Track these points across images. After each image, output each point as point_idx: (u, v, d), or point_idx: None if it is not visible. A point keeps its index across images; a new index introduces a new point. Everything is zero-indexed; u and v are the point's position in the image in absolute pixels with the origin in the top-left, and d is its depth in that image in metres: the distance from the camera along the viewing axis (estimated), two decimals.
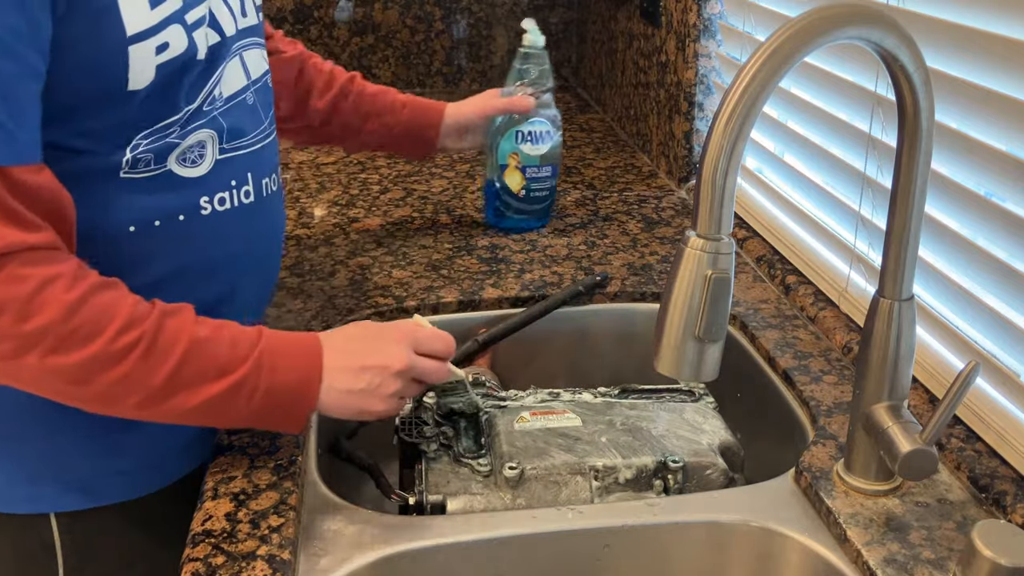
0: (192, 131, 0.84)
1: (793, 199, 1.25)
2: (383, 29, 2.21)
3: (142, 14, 0.77)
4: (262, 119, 0.95)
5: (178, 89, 0.82)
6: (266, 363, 0.79)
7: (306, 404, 0.82)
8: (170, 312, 0.78)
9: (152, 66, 0.78)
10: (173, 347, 0.76)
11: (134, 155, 0.81)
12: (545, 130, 1.33)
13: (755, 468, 1.01)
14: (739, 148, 0.65)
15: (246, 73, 0.92)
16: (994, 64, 0.84)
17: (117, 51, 0.76)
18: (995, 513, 0.80)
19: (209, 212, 0.88)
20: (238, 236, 0.92)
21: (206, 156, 0.87)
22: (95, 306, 0.74)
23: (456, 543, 0.81)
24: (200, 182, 0.87)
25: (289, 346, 0.82)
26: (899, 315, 0.78)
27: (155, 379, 0.76)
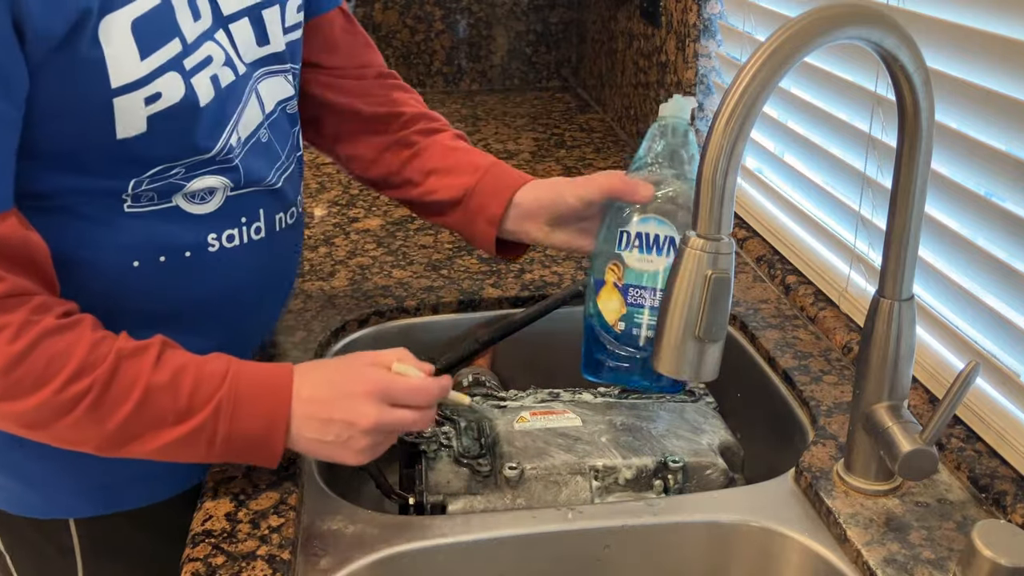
0: (199, 176, 0.82)
1: (793, 199, 1.25)
2: (383, 29, 2.21)
3: (130, 65, 0.74)
4: (279, 154, 0.90)
5: (183, 136, 0.79)
6: (226, 411, 0.76)
7: (272, 449, 0.78)
8: (130, 354, 0.75)
9: (142, 117, 0.75)
10: (127, 394, 0.74)
11: (136, 192, 0.80)
12: (667, 235, 0.86)
13: (755, 468, 1.01)
14: (739, 148, 0.65)
15: (260, 108, 0.87)
16: (994, 64, 0.84)
17: (101, 103, 0.74)
18: (995, 513, 0.80)
19: (217, 249, 0.86)
20: (246, 273, 0.89)
21: (215, 195, 0.84)
22: (43, 355, 0.72)
23: (456, 543, 0.81)
24: (209, 219, 0.84)
25: (256, 391, 0.78)
26: (899, 315, 0.78)
27: (107, 426, 0.75)
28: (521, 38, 2.27)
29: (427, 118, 1.04)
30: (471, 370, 1.13)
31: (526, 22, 2.25)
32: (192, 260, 0.84)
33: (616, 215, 0.89)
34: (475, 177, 0.97)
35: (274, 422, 0.77)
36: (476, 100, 2.19)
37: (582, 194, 0.91)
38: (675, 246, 0.85)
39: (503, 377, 1.17)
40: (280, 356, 1.05)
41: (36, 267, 0.75)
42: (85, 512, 0.92)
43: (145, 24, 0.74)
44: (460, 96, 2.23)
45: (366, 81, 1.04)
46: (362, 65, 1.04)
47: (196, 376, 0.76)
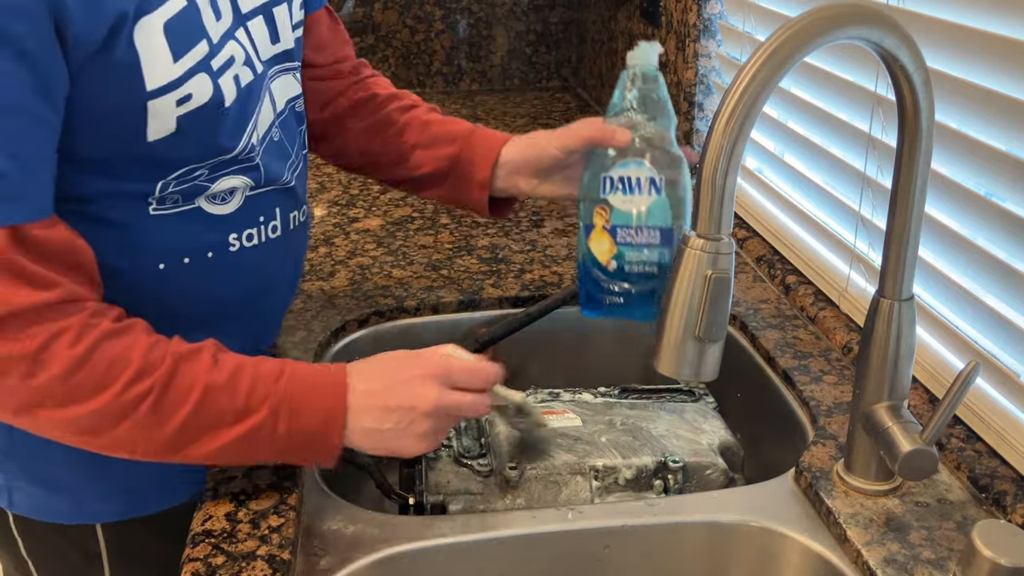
0: (223, 176, 0.83)
1: (793, 199, 1.25)
2: (383, 29, 2.21)
3: (165, 68, 0.74)
4: (289, 152, 0.92)
5: (207, 135, 0.79)
6: (284, 408, 0.76)
7: (331, 444, 0.78)
8: (186, 356, 0.76)
9: (172, 117, 0.76)
10: (187, 395, 0.74)
11: (162, 194, 0.80)
12: (646, 176, 0.89)
13: (755, 468, 1.01)
14: (739, 148, 0.65)
15: (272, 106, 0.88)
16: (994, 64, 0.84)
17: (136, 106, 0.74)
18: (995, 513, 0.80)
19: (237, 248, 0.87)
20: (264, 271, 0.91)
21: (236, 195, 0.85)
22: (103, 358, 0.73)
23: (456, 543, 0.81)
24: (229, 219, 0.85)
25: (312, 387, 0.78)
26: (899, 315, 0.78)
27: (167, 429, 0.74)
28: (521, 38, 2.27)
29: (398, 97, 1.08)
30: None
31: (526, 22, 2.25)
32: (214, 260, 0.85)
33: (597, 162, 0.91)
34: (457, 145, 1.01)
35: (332, 416, 0.78)
36: (476, 100, 2.19)
37: (564, 144, 0.95)
38: (655, 185, 0.90)
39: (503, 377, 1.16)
40: (280, 356, 1.05)
41: (85, 270, 0.76)
42: (111, 517, 0.92)
43: (176, 26, 0.75)
44: (460, 96, 2.23)
45: (344, 75, 1.07)
46: (341, 59, 1.07)
47: (253, 376, 0.77)
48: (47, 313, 0.72)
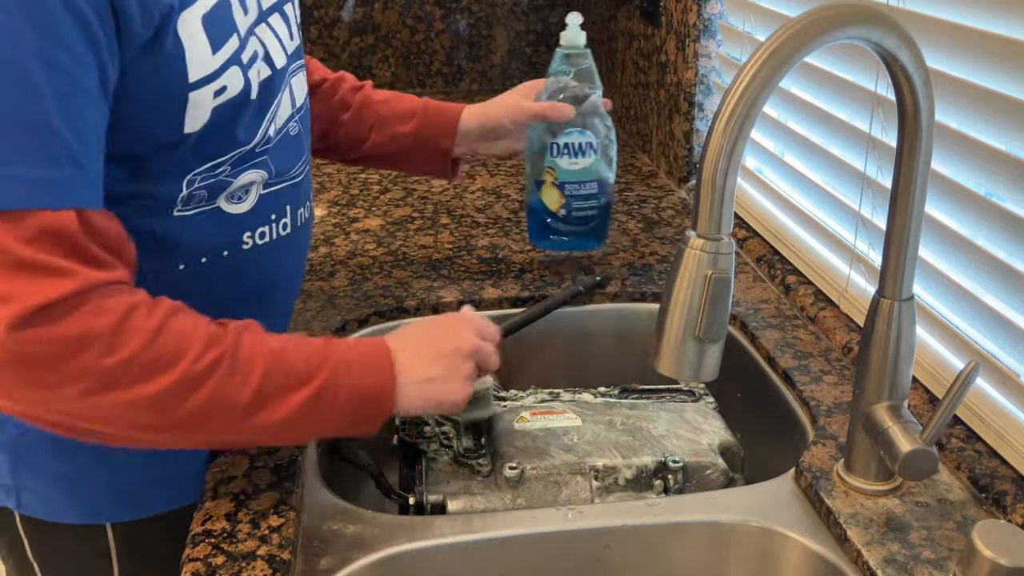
0: (243, 171, 0.85)
1: (793, 199, 1.25)
2: (383, 29, 2.21)
3: (205, 60, 0.76)
4: (303, 149, 0.94)
5: (230, 128, 0.81)
6: (341, 368, 0.78)
7: (386, 402, 0.80)
8: (243, 328, 0.77)
9: (208, 109, 0.78)
10: (254, 362, 0.75)
11: (189, 191, 0.82)
12: (586, 142, 1.14)
13: (755, 468, 1.01)
14: (739, 148, 0.65)
15: (292, 101, 0.91)
16: (994, 64, 0.84)
17: (178, 98, 0.76)
18: (995, 513, 0.80)
19: (250, 246, 0.89)
20: (274, 266, 0.93)
21: (251, 192, 0.87)
22: (174, 331, 0.73)
23: (456, 543, 0.81)
24: (244, 218, 0.87)
25: (357, 351, 0.81)
26: (899, 315, 0.78)
27: (242, 395, 0.74)
28: (521, 38, 2.27)
29: (344, 79, 1.17)
30: None
31: (526, 22, 2.25)
32: (229, 259, 0.87)
33: (545, 129, 1.16)
34: (416, 121, 1.15)
35: (384, 373, 0.80)
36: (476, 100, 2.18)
37: (515, 119, 1.15)
38: (593, 147, 1.16)
39: (503, 377, 1.17)
40: None
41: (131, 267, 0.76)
42: (122, 516, 0.93)
43: (212, 19, 0.77)
44: (460, 96, 2.23)
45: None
46: None
47: (302, 346, 0.79)
48: (119, 289, 0.72)
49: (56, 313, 0.68)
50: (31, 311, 0.67)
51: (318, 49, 2.19)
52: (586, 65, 1.14)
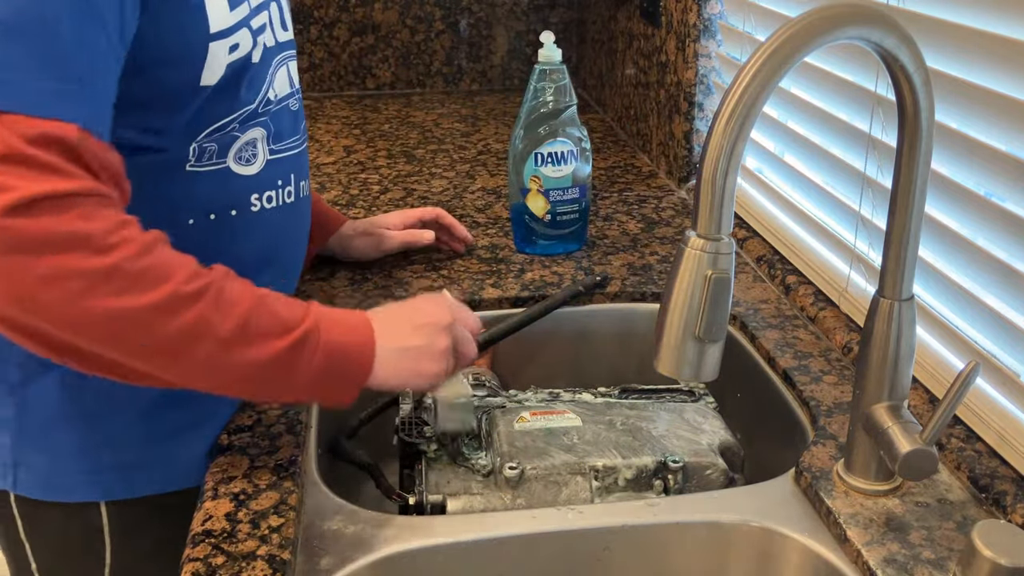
0: (249, 128, 0.89)
1: (793, 199, 1.25)
2: (383, 29, 2.21)
3: (223, 14, 0.82)
4: (299, 126, 0.99)
5: (239, 88, 0.86)
6: (323, 324, 0.79)
7: (365, 365, 0.81)
8: (231, 273, 0.78)
9: (224, 64, 0.83)
10: (240, 298, 0.76)
11: (200, 146, 0.85)
12: (568, 150, 1.25)
13: (755, 468, 1.01)
14: (739, 148, 0.65)
15: (290, 81, 0.97)
16: (994, 64, 0.84)
17: (199, 47, 0.81)
18: (995, 513, 0.80)
19: (258, 209, 0.92)
20: (280, 233, 0.96)
21: (258, 155, 0.91)
22: (165, 253, 0.74)
23: (456, 543, 0.81)
24: (253, 180, 0.91)
25: (339, 312, 0.83)
26: (899, 315, 0.78)
27: (226, 325, 0.74)
28: (521, 38, 2.27)
29: None
30: (471, 370, 1.13)
31: (526, 22, 2.25)
32: (237, 219, 0.90)
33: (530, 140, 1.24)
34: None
35: (365, 335, 0.81)
36: (476, 100, 2.19)
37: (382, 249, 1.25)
38: (574, 155, 1.26)
39: (503, 377, 1.17)
40: None
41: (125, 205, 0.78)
42: (116, 495, 0.93)
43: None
44: (460, 96, 2.23)
45: None
46: None
47: (283, 299, 0.80)
48: (113, 204, 0.73)
49: (52, 207, 0.68)
50: (27, 200, 0.67)
51: (318, 49, 2.19)
52: (563, 81, 1.24)
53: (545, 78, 1.23)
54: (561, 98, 1.24)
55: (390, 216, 1.28)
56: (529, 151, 1.24)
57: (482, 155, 1.77)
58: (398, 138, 1.88)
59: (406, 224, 1.26)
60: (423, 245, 1.26)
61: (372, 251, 1.25)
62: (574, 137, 1.25)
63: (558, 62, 1.23)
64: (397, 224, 1.26)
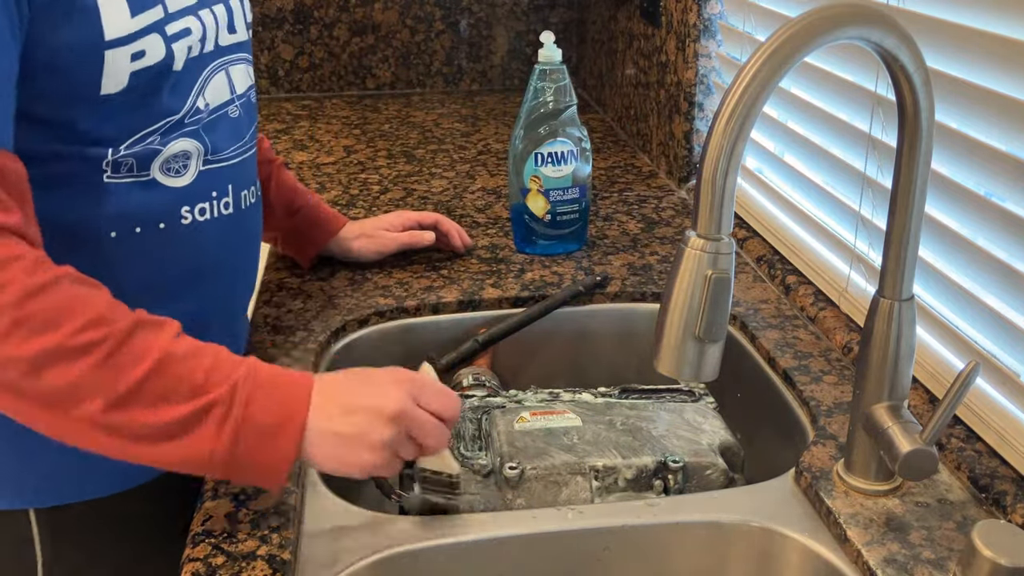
0: (174, 139, 0.85)
1: (793, 199, 1.25)
2: (383, 29, 2.21)
3: (122, 20, 0.77)
4: (243, 133, 0.95)
5: (155, 97, 0.82)
6: (243, 391, 0.72)
7: (286, 445, 0.73)
8: (148, 323, 0.72)
9: (126, 72, 0.78)
10: (142, 356, 0.70)
11: (115, 159, 0.81)
12: (568, 150, 1.25)
13: (755, 468, 1.01)
14: (739, 148, 0.65)
15: (231, 87, 0.92)
16: (994, 64, 0.84)
17: (92, 54, 0.76)
18: (995, 513, 0.80)
19: (190, 221, 0.88)
20: (217, 247, 0.92)
21: (190, 167, 0.87)
22: (61, 296, 0.69)
23: (456, 543, 0.81)
24: (182, 192, 0.87)
25: (275, 378, 0.75)
26: (899, 315, 0.78)
27: (118, 385, 0.69)
28: (521, 38, 2.27)
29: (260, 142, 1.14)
30: (471, 370, 1.13)
31: (526, 22, 2.25)
32: (166, 232, 0.86)
33: (530, 140, 1.24)
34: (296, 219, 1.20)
35: (292, 410, 0.73)
36: (476, 100, 2.19)
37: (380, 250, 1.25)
38: (574, 155, 1.26)
39: (503, 377, 1.17)
40: (280, 355, 1.05)
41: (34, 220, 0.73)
42: (45, 502, 0.90)
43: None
44: (460, 96, 2.23)
45: None
46: None
47: (215, 356, 0.73)
48: (4, 236, 0.68)
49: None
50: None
51: (318, 49, 2.19)
52: (563, 81, 1.24)
53: (545, 78, 1.24)
54: (561, 98, 1.24)
55: (389, 217, 1.27)
56: (529, 151, 1.25)
57: (482, 155, 1.77)
58: (398, 138, 1.88)
59: (405, 226, 1.26)
60: (423, 246, 1.26)
61: (372, 253, 1.24)
62: (574, 137, 1.25)
63: (558, 62, 1.24)
64: (396, 226, 1.26)
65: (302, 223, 1.21)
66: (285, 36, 2.17)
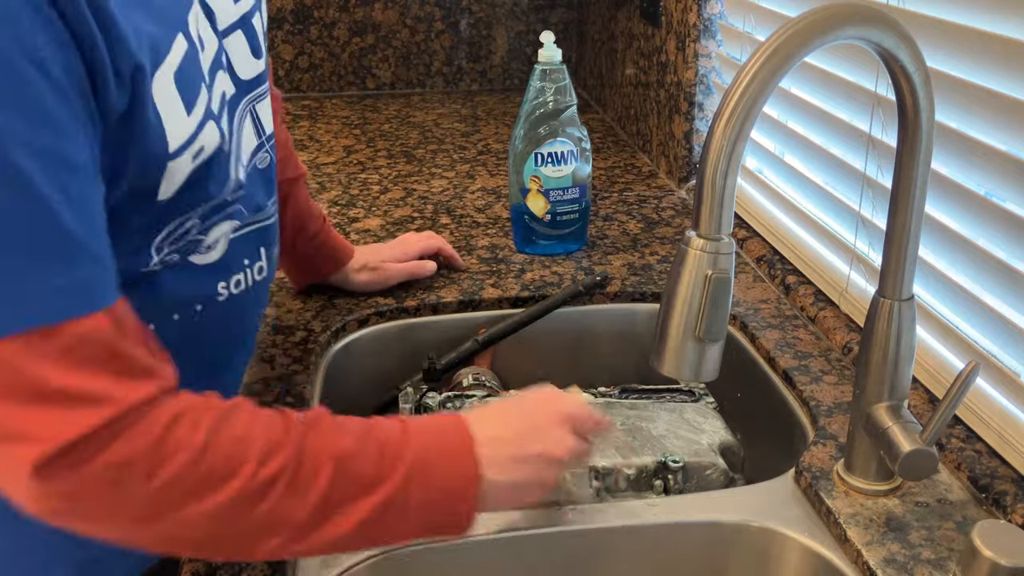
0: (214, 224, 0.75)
1: (793, 199, 1.25)
2: (383, 29, 2.21)
3: (182, 125, 0.67)
4: (274, 181, 0.86)
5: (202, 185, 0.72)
6: (417, 470, 0.69)
7: (467, 508, 0.71)
8: (309, 424, 0.68)
9: (186, 172, 0.69)
10: (318, 471, 0.66)
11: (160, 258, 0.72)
12: (568, 150, 1.24)
13: (755, 468, 1.01)
14: (739, 148, 0.65)
15: (258, 129, 0.81)
16: (994, 64, 0.84)
17: (155, 169, 0.67)
18: (995, 513, 0.80)
19: (225, 297, 0.79)
20: (248, 314, 0.85)
21: (220, 241, 0.77)
22: (226, 440, 0.64)
23: (456, 543, 0.81)
24: (216, 268, 0.77)
25: (438, 446, 0.71)
26: (899, 315, 0.78)
27: (307, 506, 0.66)
28: (521, 38, 2.27)
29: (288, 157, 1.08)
30: (471, 370, 1.13)
31: (526, 22, 2.25)
32: (204, 313, 0.78)
33: (530, 140, 1.24)
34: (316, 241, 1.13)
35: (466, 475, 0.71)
36: (476, 100, 2.19)
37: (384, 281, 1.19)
38: (574, 155, 1.25)
39: (503, 377, 1.17)
40: (280, 355, 1.05)
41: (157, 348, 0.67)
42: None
43: (183, 73, 0.67)
44: (460, 96, 2.23)
45: None
46: None
47: (379, 439, 0.69)
48: (159, 402, 0.62)
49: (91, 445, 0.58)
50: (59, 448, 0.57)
51: (318, 49, 2.19)
52: (563, 81, 1.24)
53: (545, 78, 1.24)
54: (561, 98, 1.24)
55: (392, 250, 1.22)
56: (529, 151, 1.25)
57: (482, 155, 1.77)
58: (398, 138, 1.88)
59: (409, 258, 1.21)
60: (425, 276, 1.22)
61: (374, 286, 1.19)
62: (574, 137, 1.25)
63: (558, 62, 1.23)
64: (399, 258, 1.21)
65: (309, 249, 1.14)
66: (285, 36, 2.17)
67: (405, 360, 1.15)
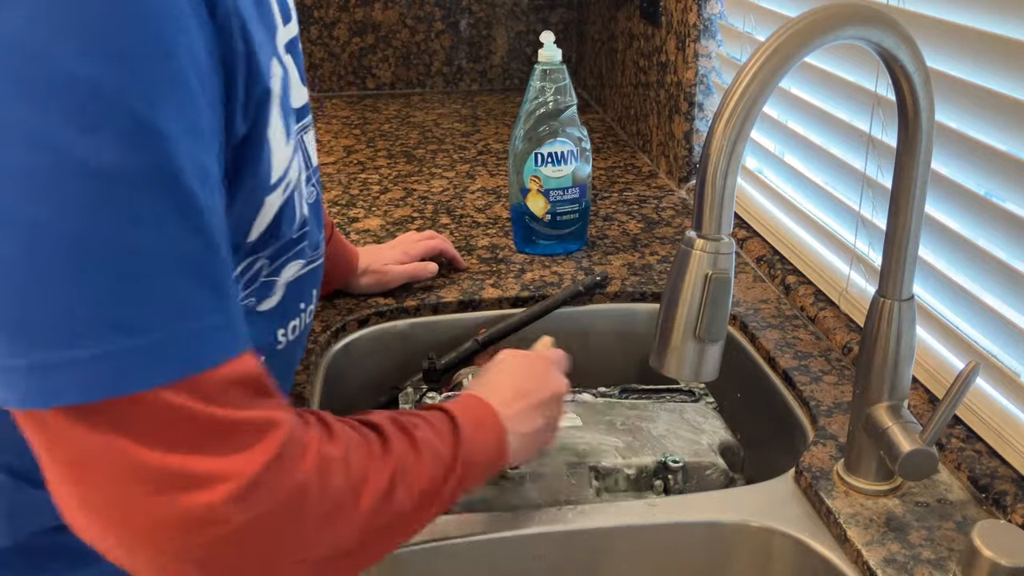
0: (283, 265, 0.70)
1: (793, 199, 1.25)
2: (383, 29, 2.21)
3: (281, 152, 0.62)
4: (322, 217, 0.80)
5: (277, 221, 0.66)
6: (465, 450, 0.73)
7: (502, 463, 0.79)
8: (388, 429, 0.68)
9: (276, 208, 0.64)
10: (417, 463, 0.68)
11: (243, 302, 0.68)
12: (568, 150, 1.25)
13: (755, 468, 1.01)
14: (739, 148, 0.65)
15: (307, 162, 0.74)
16: (994, 64, 0.84)
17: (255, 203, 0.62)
18: (995, 513, 0.80)
19: (284, 345, 0.75)
20: (296, 359, 0.82)
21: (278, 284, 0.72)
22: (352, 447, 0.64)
23: (456, 543, 0.81)
24: (274, 314, 0.73)
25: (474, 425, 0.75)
26: (899, 315, 0.78)
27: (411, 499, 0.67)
28: (521, 38, 2.27)
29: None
30: (471, 370, 1.13)
31: (526, 22, 2.25)
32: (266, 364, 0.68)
33: (530, 140, 1.24)
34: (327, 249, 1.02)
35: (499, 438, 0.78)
36: (476, 100, 2.19)
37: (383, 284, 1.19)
38: (574, 155, 1.26)
39: None
40: None
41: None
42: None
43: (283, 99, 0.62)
44: (460, 96, 2.23)
45: None
46: None
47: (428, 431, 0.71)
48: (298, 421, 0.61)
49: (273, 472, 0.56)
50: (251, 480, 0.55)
51: (318, 49, 2.19)
52: (563, 81, 1.24)
53: (545, 78, 1.23)
54: (561, 98, 1.24)
55: (394, 252, 1.21)
56: (529, 151, 1.25)
57: (482, 155, 1.77)
58: (398, 138, 1.88)
59: (411, 260, 1.21)
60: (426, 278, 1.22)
61: (376, 289, 1.19)
62: (574, 137, 1.25)
63: (558, 62, 1.23)
64: (401, 259, 1.21)
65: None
66: None
67: (405, 360, 1.15)
